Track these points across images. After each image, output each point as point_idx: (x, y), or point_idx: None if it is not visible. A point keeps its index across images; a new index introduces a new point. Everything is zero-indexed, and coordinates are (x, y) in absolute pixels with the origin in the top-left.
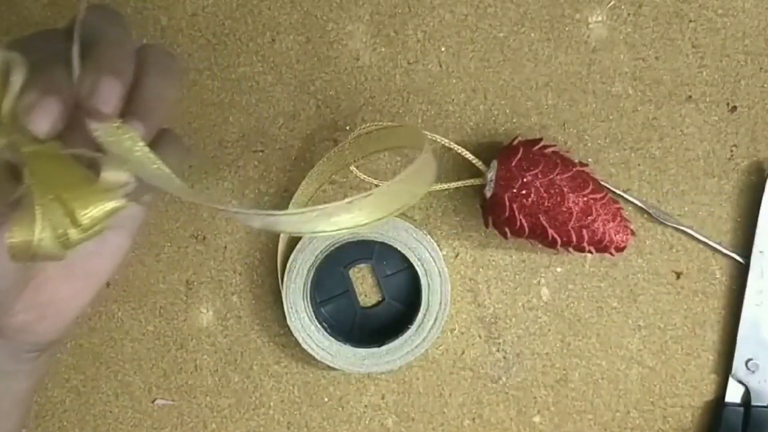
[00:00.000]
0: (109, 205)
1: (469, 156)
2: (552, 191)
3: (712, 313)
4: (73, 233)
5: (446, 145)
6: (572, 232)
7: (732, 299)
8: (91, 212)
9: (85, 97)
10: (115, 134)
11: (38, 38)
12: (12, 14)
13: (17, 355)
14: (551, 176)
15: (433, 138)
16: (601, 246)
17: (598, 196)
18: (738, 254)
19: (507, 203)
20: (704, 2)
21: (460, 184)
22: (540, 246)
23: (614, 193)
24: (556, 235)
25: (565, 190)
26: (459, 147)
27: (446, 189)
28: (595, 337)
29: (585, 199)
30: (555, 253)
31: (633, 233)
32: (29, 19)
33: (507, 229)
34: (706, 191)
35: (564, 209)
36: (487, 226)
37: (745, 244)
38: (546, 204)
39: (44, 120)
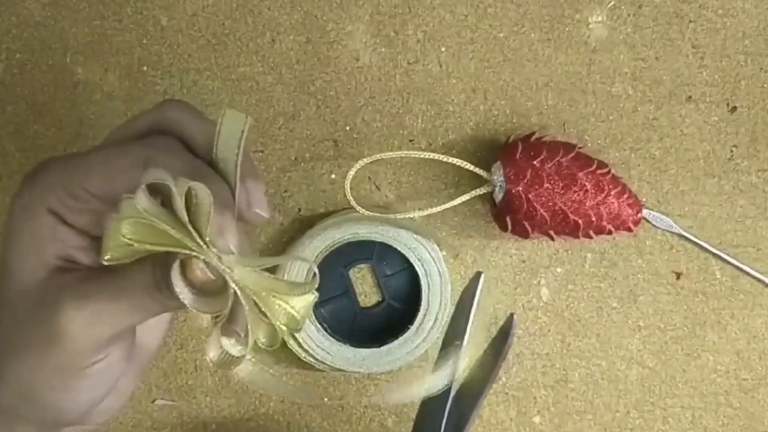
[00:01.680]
0: (310, 297)
1: (469, 167)
2: (563, 173)
3: (712, 313)
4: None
5: (444, 160)
6: (591, 211)
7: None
8: (300, 305)
9: (245, 208)
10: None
11: (164, 150)
12: (12, 14)
13: None
14: (558, 159)
15: (429, 156)
16: (619, 221)
17: (604, 171)
18: (738, 255)
19: (523, 196)
20: (704, 2)
21: (466, 197)
22: (548, 241)
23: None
24: (577, 218)
25: (574, 169)
26: (458, 160)
27: (453, 206)
28: (595, 338)
29: (594, 175)
30: (557, 253)
31: (643, 205)
32: (29, 19)
33: (528, 225)
34: (706, 191)
35: (578, 188)
36: (506, 230)
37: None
38: (560, 186)
39: (234, 237)
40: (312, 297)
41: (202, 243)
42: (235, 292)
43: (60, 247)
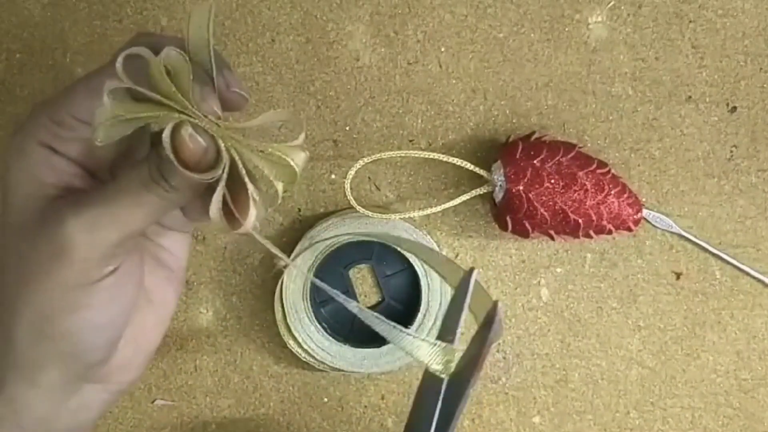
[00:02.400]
0: (305, 153)
1: (469, 166)
2: (563, 172)
3: (712, 313)
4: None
5: (443, 160)
6: (591, 211)
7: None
8: (299, 159)
9: (225, 90)
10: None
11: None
12: (12, 14)
13: (106, 399)
14: (558, 158)
15: (429, 156)
16: (620, 221)
17: (605, 170)
18: (737, 255)
19: (523, 195)
20: (704, 2)
21: (466, 197)
22: (548, 241)
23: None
24: (577, 218)
25: (574, 168)
26: (458, 159)
27: (453, 206)
28: (594, 338)
29: (594, 174)
30: (557, 253)
31: (643, 204)
32: (29, 19)
33: (528, 225)
34: (706, 191)
35: (578, 188)
36: (506, 229)
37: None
38: (561, 186)
39: (217, 104)
40: (307, 153)
41: (187, 104)
42: (231, 157)
43: (57, 177)
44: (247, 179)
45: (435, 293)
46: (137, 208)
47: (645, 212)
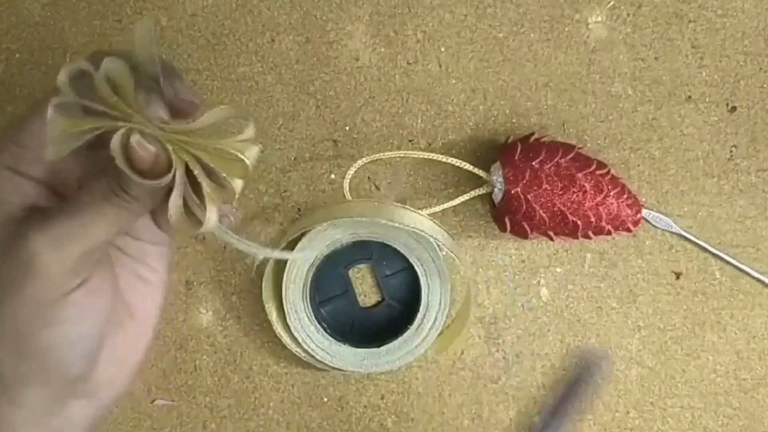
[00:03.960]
0: (257, 146)
1: (468, 167)
2: (562, 173)
3: (712, 313)
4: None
5: (443, 160)
6: (590, 212)
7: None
8: (252, 154)
9: (174, 98)
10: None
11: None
12: (12, 14)
13: (92, 414)
14: (556, 159)
15: (429, 156)
16: (619, 222)
17: (603, 171)
18: (737, 255)
19: (521, 196)
20: (704, 2)
21: (466, 197)
22: (548, 241)
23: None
24: (576, 219)
25: (573, 170)
26: (457, 160)
27: (453, 206)
28: (594, 338)
29: (593, 176)
30: (556, 253)
31: (643, 205)
32: (29, 19)
33: (527, 226)
34: (705, 191)
35: (577, 189)
36: (504, 230)
37: None
38: (559, 187)
39: (163, 110)
40: (259, 146)
41: (129, 111)
42: (183, 159)
43: (21, 198)
44: (201, 178)
45: (435, 293)
46: (99, 220)
47: (645, 212)
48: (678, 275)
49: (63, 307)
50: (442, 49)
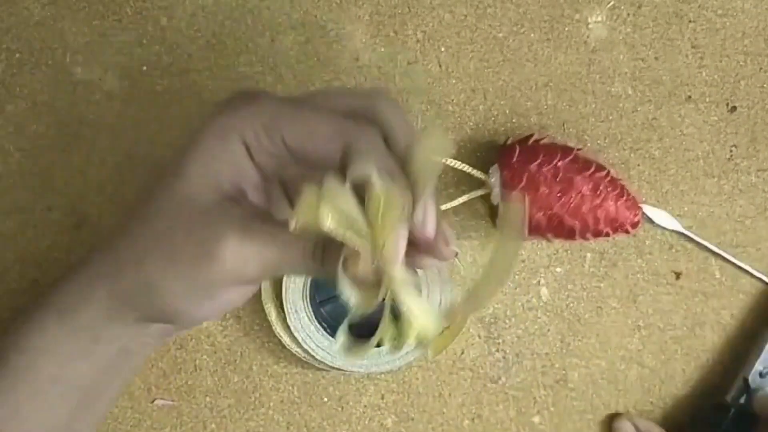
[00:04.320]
0: (446, 340)
1: (467, 168)
2: (559, 177)
3: (712, 313)
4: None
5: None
6: (588, 215)
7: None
8: (430, 333)
9: (420, 225)
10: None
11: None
12: (12, 14)
13: (166, 335)
14: (555, 162)
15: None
16: (617, 224)
17: (603, 173)
18: (737, 254)
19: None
20: (704, 2)
21: (465, 198)
22: (544, 242)
23: None
24: (573, 223)
25: (571, 173)
26: (456, 162)
27: (452, 207)
28: (594, 337)
29: (592, 178)
30: (556, 253)
31: (641, 207)
32: (29, 19)
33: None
34: (705, 191)
35: (575, 193)
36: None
37: None
38: (557, 191)
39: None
40: (448, 340)
41: (379, 248)
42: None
43: (238, 178)
44: (387, 318)
45: (435, 293)
46: (286, 264)
47: (644, 207)
48: (678, 275)
49: (208, 299)
50: (443, 49)
